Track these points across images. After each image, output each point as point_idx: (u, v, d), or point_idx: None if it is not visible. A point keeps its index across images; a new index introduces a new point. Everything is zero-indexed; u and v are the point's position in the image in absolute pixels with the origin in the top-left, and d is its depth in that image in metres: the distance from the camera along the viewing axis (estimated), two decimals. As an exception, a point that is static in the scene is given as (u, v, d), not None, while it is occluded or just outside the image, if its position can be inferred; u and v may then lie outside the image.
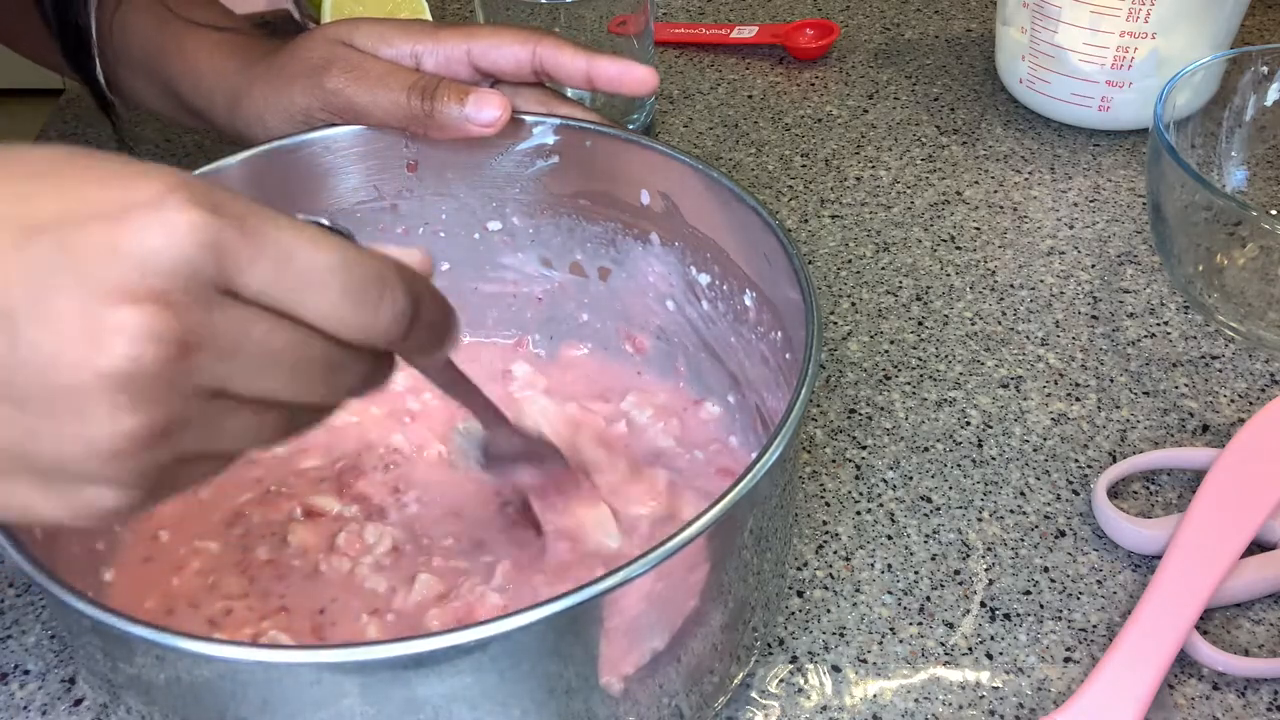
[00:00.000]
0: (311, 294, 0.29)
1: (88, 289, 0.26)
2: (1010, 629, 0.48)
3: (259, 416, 0.30)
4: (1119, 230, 0.69)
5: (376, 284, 0.30)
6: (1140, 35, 0.70)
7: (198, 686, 0.34)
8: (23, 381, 0.27)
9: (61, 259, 0.26)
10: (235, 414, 0.29)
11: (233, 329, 0.28)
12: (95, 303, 0.26)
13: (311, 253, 0.29)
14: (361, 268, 0.29)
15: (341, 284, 0.29)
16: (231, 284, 0.28)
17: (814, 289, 0.42)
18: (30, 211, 0.27)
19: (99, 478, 0.28)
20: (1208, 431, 0.57)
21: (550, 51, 0.51)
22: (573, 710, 0.36)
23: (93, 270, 0.26)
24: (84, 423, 0.27)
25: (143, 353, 0.26)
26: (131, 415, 0.27)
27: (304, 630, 0.45)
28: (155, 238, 0.27)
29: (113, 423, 0.27)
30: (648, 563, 0.33)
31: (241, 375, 0.29)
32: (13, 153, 0.29)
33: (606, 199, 0.52)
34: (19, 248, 0.26)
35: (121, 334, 0.26)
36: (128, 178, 0.28)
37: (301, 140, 0.51)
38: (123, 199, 0.27)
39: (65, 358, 0.26)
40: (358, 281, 0.29)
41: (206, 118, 0.57)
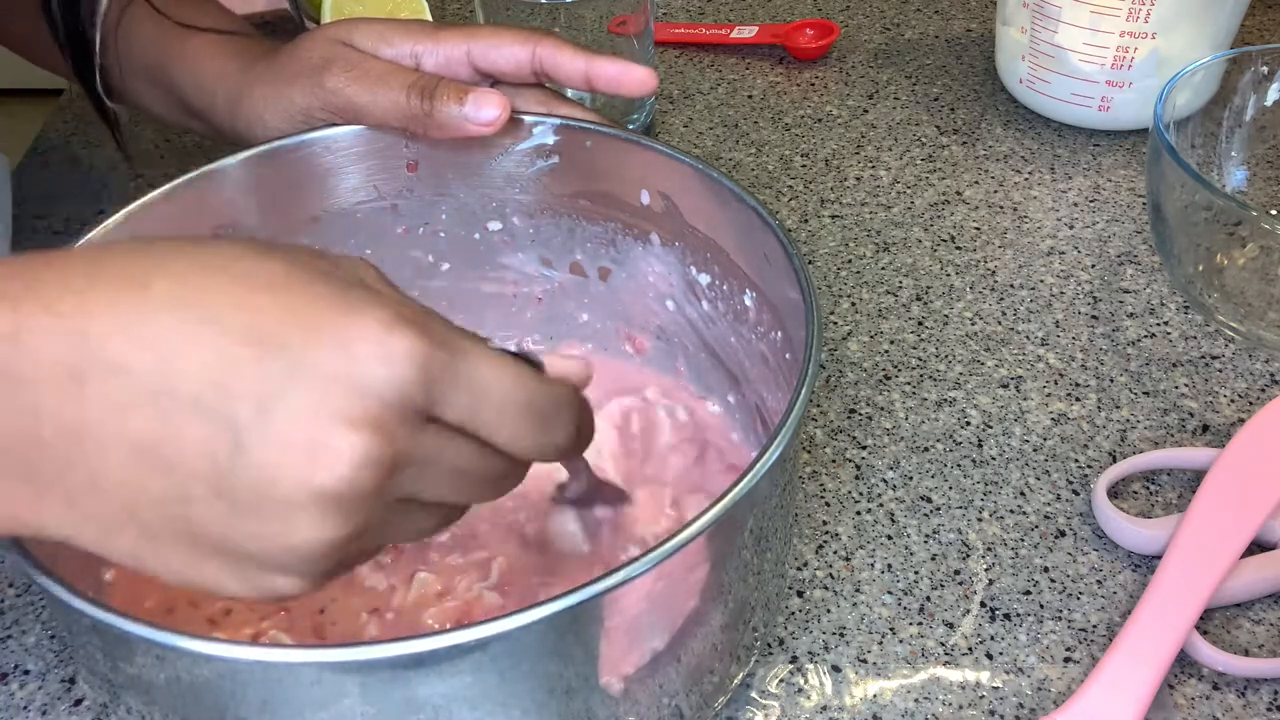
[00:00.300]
0: (504, 425, 0.32)
1: (313, 409, 0.28)
2: (1010, 629, 0.48)
3: (432, 514, 0.33)
4: (1119, 230, 0.69)
5: (555, 415, 0.33)
6: (1140, 35, 0.70)
7: (198, 686, 0.34)
8: (240, 485, 0.29)
9: (292, 378, 0.28)
10: (414, 514, 0.32)
11: (432, 450, 0.31)
12: (320, 424, 0.28)
13: (507, 388, 0.31)
14: (545, 400, 0.33)
15: (529, 417, 0.32)
16: (434, 411, 0.30)
17: (814, 289, 0.42)
18: (263, 324, 0.29)
19: (288, 570, 0.30)
20: (1208, 431, 0.57)
21: (550, 52, 0.51)
22: (573, 710, 0.36)
23: (320, 392, 0.28)
24: (290, 529, 0.29)
25: (358, 476, 0.29)
26: (335, 528, 0.29)
27: (304, 630, 0.45)
28: (379, 368, 0.29)
29: (317, 532, 0.29)
30: (648, 563, 0.33)
31: (431, 487, 0.32)
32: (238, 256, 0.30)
33: (606, 199, 0.52)
34: (253, 361, 0.28)
35: (342, 459, 0.28)
36: (355, 302, 0.30)
37: (301, 140, 0.51)
38: (353, 324, 0.29)
39: (286, 471, 0.28)
40: (541, 414, 0.33)
41: (208, 119, 0.58)
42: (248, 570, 0.30)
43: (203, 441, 0.28)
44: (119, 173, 0.75)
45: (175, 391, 0.28)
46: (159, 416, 0.28)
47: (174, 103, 0.59)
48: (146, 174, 0.74)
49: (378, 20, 0.53)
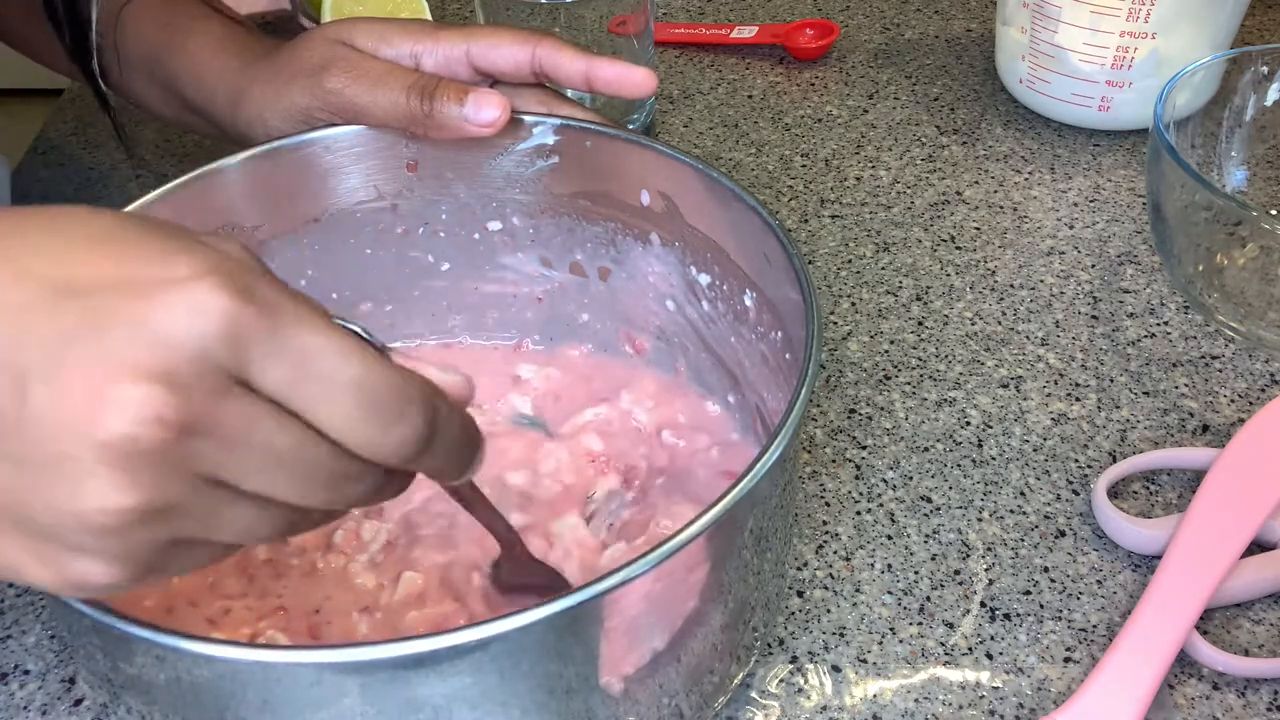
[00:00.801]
0: (325, 401, 0.28)
1: (101, 358, 0.26)
2: (1010, 629, 0.48)
3: (259, 511, 0.30)
4: (1119, 230, 0.69)
5: (395, 404, 0.29)
6: (1140, 35, 0.70)
7: (198, 687, 0.34)
8: (24, 441, 0.27)
9: (84, 326, 0.27)
10: (234, 506, 0.29)
11: (239, 420, 0.28)
12: (105, 375, 0.26)
13: (334, 360, 0.28)
14: (383, 385, 0.29)
15: (357, 398, 0.28)
16: (246, 375, 0.28)
17: (814, 289, 0.42)
18: (69, 274, 0.27)
19: (89, 550, 0.28)
20: (1208, 431, 0.57)
21: (549, 53, 0.51)
22: (573, 710, 0.36)
23: (110, 342, 0.26)
24: (77, 493, 0.27)
25: (143, 431, 0.26)
26: (123, 492, 0.27)
27: (301, 630, 0.45)
28: (177, 318, 0.27)
29: (104, 497, 0.27)
30: (648, 563, 0.33)
31: (243, 468, 0.28)
32: (73, 215, 0.29)
33: (606, 199, 0.52)
34: (44, 306, 0.27)
35: (124, 409, 0.26)
36: (171, 253, 0.28)
37: (301, 140, 0.51)
38: (157, 274, 0.27)
39: (67, 424, 0.26)
40: (375, 398, 0.29)
41: (208, 116, 0.58)
42: (49, 549, 0.28)
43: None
44: (119, 173, 0.75)
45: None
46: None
47: (174, 99, 0.59)
48: (146, 174, 0.74)
49: (377, 20, 0.53)
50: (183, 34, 0.58)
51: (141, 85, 0.61)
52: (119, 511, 0.27)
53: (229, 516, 0.29)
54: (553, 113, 0.51)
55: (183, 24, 0.58)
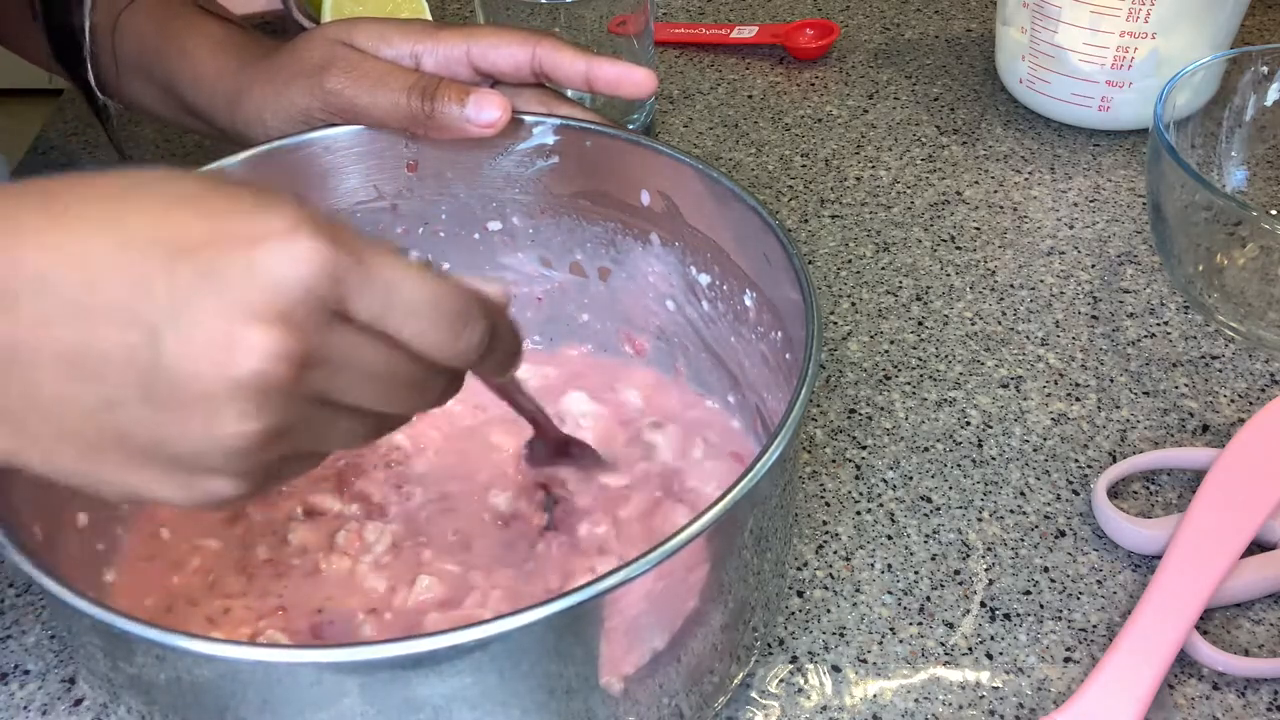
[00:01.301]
0: (410, 322, 0.32)
1: (225, 308, 0.30)
2: (1010, 629, 0.48)
3: (355, 422, 0.34)
4: (1119, 230, 0.69)
5: (463, 315, 0.34)
6: (1140, 35, 0.70)
7: (198, 686, 0.34)
8: (162, 385, 0.30)
9: (204, 280, 0.30)
10: (336, 419, 0.33)
11: (343, 349, 0.32)
12: (231, 321, 0.30)
13: (413, 286, 0.32)
14: (451, 301, 0.33)
15: (435, 315, 0.33)
16: (345, 309, 0.31)
17: (814, 289, 0.42)
18: (177, 234, 0.30)
19: (220, 470, 0.32)
20: (1208, 431, 0.57)
21: (550, 53, 0.51)
22: (573, 710, 0.36)
23: (230, 292, 0.30)
24: (213, 424, 0.30)
25: (270, 369, 0.30)
26: (255, 420, 0.31)
27: (302, 629, 0.45)
28: (285, 266, 0.30)
29: (238, 425, 0.30)
30: (648, 563, 0.33)
31: (346, 388, 0.32)
32: (154, 178, 0.32)
33: (606, 199, 0.52)
34: (166, 267, 0.30)
35: (253, 351, 0.30)
36: (261, 210, 0.31)
37: (301, 140, 0.51)
38: (258, 229, 0.30)
39: (203, 367, 0.30)
40: (448, 313, 0.33)
41: (207, 117, 0.58)
42: (182, 474, 0.32)
43: (124, 347, 0.30)
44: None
45: (96, 302, 0.30)
46: (83, 328, 0.30)
47: (172, 101, 0.59)
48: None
49: (377, 20, 0.53)
50: (181, 36, 0.58)
51: (140, 88, 0.61)
52: (250, 435, 0.31)
53: (332, 429, 0.34)
54: (553, 113, 0.51)
55: (181, 26, 0.58)
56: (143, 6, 0.59)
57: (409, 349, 0.33)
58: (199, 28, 0.58)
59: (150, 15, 0.59)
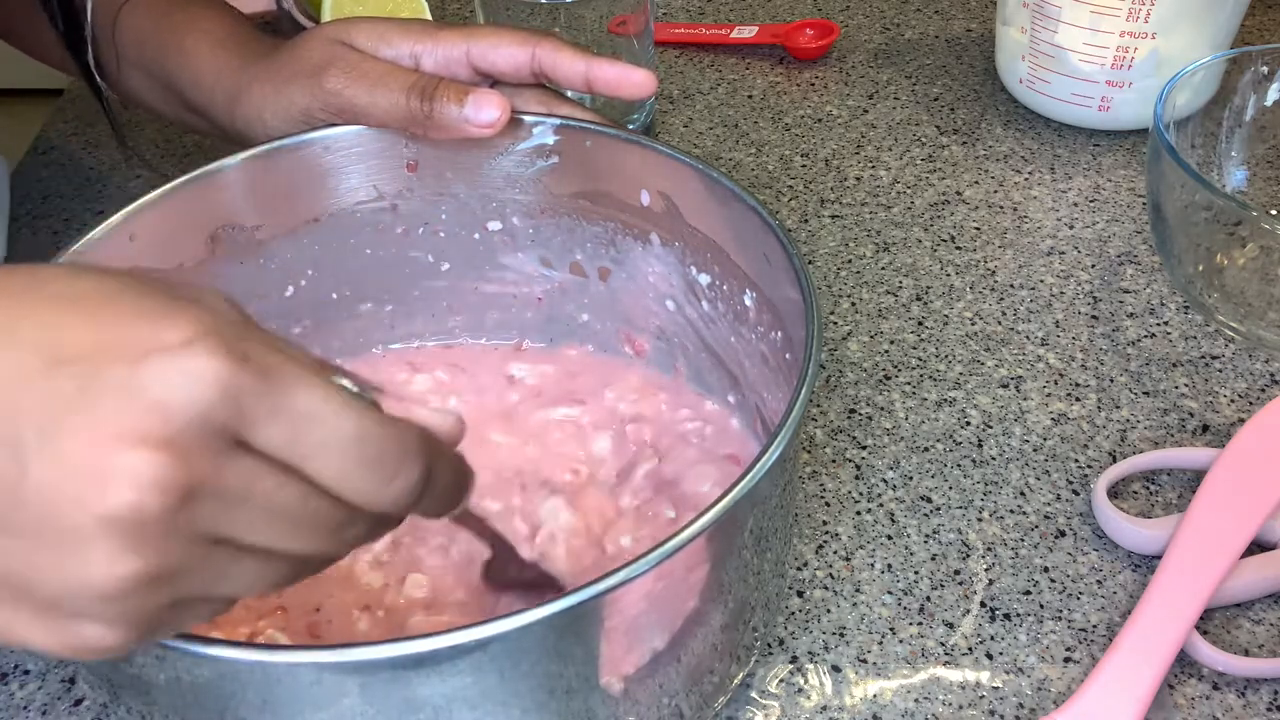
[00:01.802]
0: (324, 460, 0.29)
1: (98, 427, 0.26)
2: (1010, 629, 0.48)
3: (262, 564, 0.30)
4: (1119, 230, 0.69)
5: (393, 458, 0.30)
6: (1140, 35, 0.70)
7: (198, 686, 0.34)
8: (26, 514, 0.27)
9: (79, 395, 0.26)
10: (237, 561, 0.29)
11: (240, 481, 0.28)
12: (104, 444, 0.26)
13: (332, 417, 0.29)
14: (380, 441, 0.29)
15: (356, 455, 0.29)
16: (245, 436, 0.28)
17: (814, 289, 0.42)
18: (59, 341, 0.27)
19: (95, 616, 0.28)
20: (1208, 431, 0.57)
21: (549, 54, 0.51)
22: (573, 710, 0.36)
23: (107, 410, 0.26)
24: (82, 562, 0.27)
25: (145, 500, 0.26)
26: (129, 560, 0.27)
27: (300, 629, 0.45)
28: (174, 383, 0.27)
29: (110, 566, 0.27)
30: (648, 563, 0.33)
31: (246, 526, 0.29)
32: (54, 276, 0.29)
33: (606, 199, 0.52)
34: (37, 377, 0.26)
35: (126, 479, 0.26)
36: (161, 316, 0.27)
37: (301, 140, 0.51)
38: (150, 339, 0.27)
39: (68, 496, 0.26)
40: (374, 455, 0.29)
41: (206, 115, 0.58)
42: (55, 618, 0.28)
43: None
44: (119, 173, 0.75)
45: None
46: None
47: (173, 98, 0.59)
48: (146, 174, 0.74)
49: (377, 20, 0.53)
50: (181, 32, 0.58)
51: (140, 83, 0.61)
52: (124, 579, 0.27)
53: (232, 573, 0.29)
54: (553, 112, 0.51)
55: (181, 22, 0.58)
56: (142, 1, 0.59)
57: (325, 488, 0.29)
58: (199, 24, 0.58)
59: (150, 10, 0.59)
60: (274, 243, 0.51)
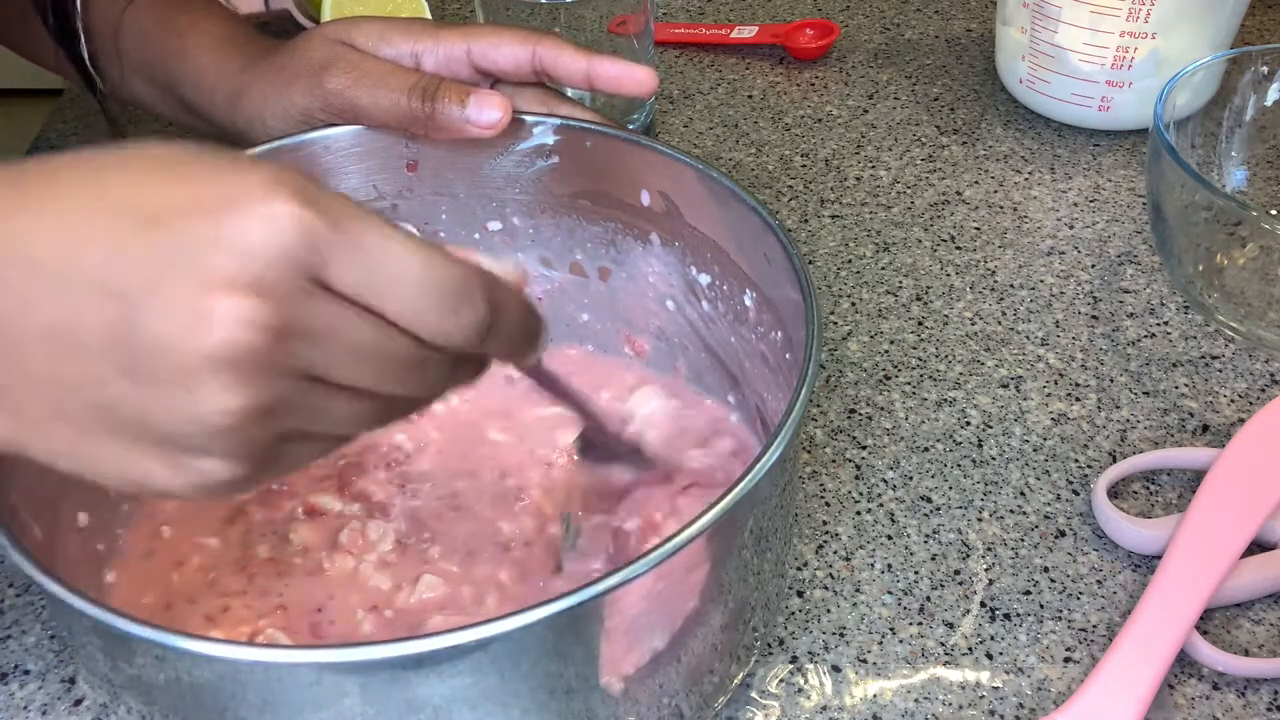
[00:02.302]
0: (394, 294, 0.31)
1: (195, 276, 0.28)
2: (1010, 629, 0.48)
3: (355, 403, 0.32)
4: (1119, 230, 0.69)
5: (457, 292, 0.31)
6: (1140, 35, 0.70)
7: (198, 686, 0.34)
8: (140, 359, 0.29)
9: (173, 247, 0.28)
10: (332, 399, 0.31)
11: (323, 319, 0.30)
12: (201, 290, 0.28)
13: (399, 256, 0.31)
14: (444, 275, 0.31)
15: (423, 289, 0.31)
16: (324, 277, 0.30)
17: (814, 289, 0.42)
18: (148, 201, 0.29)
19: (210, 450, 0.30)
20: (1208, 431, 0.57)
21: (550, 52, 0.51)
22: (573, 710, 0.36)
23: (200, 259, 0.28)
24: (192, 399, 0.29)
25: (240, 338, 0.28)
26: (233, 394, 0.29)
27: (301, 629, 0.45)
28: (257, 230, 0.29)
29: (216, 400, 0.29)
30: (648, 563, 0.33)
31: (335, 364, 0.31)
32: (146, 148, 0.31)
33: (606, 199, 0.52)
34: (136, 235, 0.29)
35: (222, 320, 0.28)
36: (236, 172, 0.30)
37: (301, 140, 0.51)
38: (230, 193, 0.29)
39: (174, 339, 0.28)
40: (438, 288, 0.31)
41: (207, 116, 0.58)
42: (173, 454, 0.30)
43: (103, 321, 0.29)
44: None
45: (77, 276, 0.29)
46: (65, 302, 0.29)
47: (174, 100, 0.59)
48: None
49: (378, 19, 0.53)
50: (182, 35, 0.58)
51: (143, 88, 0.61)
52: (231, 411, 0.29)
53: (328, 408, 0.32)
54: (553, 112, 0.51)
55: (182, 25, 0.58)
56: (144, 5, 0.60)
57: (398, 325, 0.31)
58: (200, 26, 0.58)
59: (151, 14, 0.59)
60: None
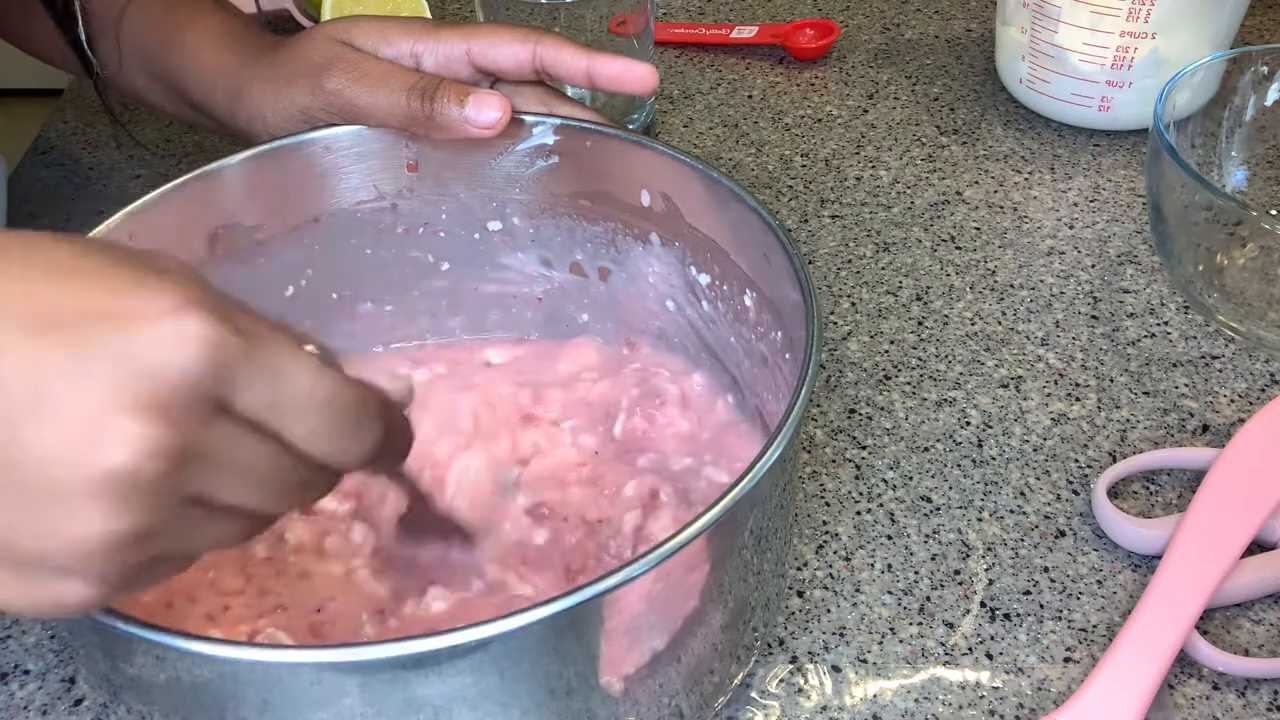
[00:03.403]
0: (300, 420, 0.30)
1: (93, 394, 0.27)
2: (1010, 629, 0.48)
3: (228, 523, 0.31)
4: (1119, 230, 0.69)
5: (358, 418, 0.31)
6: (1140, 35, 0.70)
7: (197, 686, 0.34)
8: (16, 477, 0.27)
9: (68, 361, 0.27)
10: (209, 520, 0.30)
11: (224, 444, 0.29)
12: (100, 408, 0.27)
13: (308, 383, 0.30)
14: (349, 404, 0.31)
15: (329, 415, 0.31)
16: (227, 401, 0.29)
17: (814, 289, 0.42)
18: (44, 309, 0.27)
19: (73, 573, 0.28)
20: (1208, 431, 0.57)
21: (550, 50, 0.51)
22: (573, 710, 0.36)
23: (100, 376, 0.27)
24: (71, 521, 0.27)
25: (142, 464, 0.27)
26: (118, 519, 0.27)
27: (301, 629, 0.45)
28: (167, 350, 0.27)
29: (98, 524, 0.27)
30: (648, 563, 0.33)
31: (223, 486, 0.30)
32: (37, 244, 0.29)
33: (607, 199, 0.52)
34: (29, 345, 0.27)
35: (123, 443, 0.27)
36: (146, 284, 0.28)
37: (301, 140, 0.51)
38: (139, 305, 0.27)
39: (64, 457, 0.27)
40: (343, 415, 0.31)
41: (207, 112, 0.58)
42: (29, 575, 0.28)
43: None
44: (119, 173, 0.75)
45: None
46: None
47: (175, 96, 0.59)
48: (146, 174, 0.74)
49: (378, 19, 0.53)
50: (183, 30, 0.58)
51: (143, 81, 0.61)
52: (112, 536, 0.28)
53: (203, 530, 0.30)
54: (553, 112, 0.51)
55: (184, 19, 0.58)
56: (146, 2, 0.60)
57: (295, 448, 0.30)
58: (202, 22, 0.58)
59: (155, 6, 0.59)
60: (274, 243, 0.51)
